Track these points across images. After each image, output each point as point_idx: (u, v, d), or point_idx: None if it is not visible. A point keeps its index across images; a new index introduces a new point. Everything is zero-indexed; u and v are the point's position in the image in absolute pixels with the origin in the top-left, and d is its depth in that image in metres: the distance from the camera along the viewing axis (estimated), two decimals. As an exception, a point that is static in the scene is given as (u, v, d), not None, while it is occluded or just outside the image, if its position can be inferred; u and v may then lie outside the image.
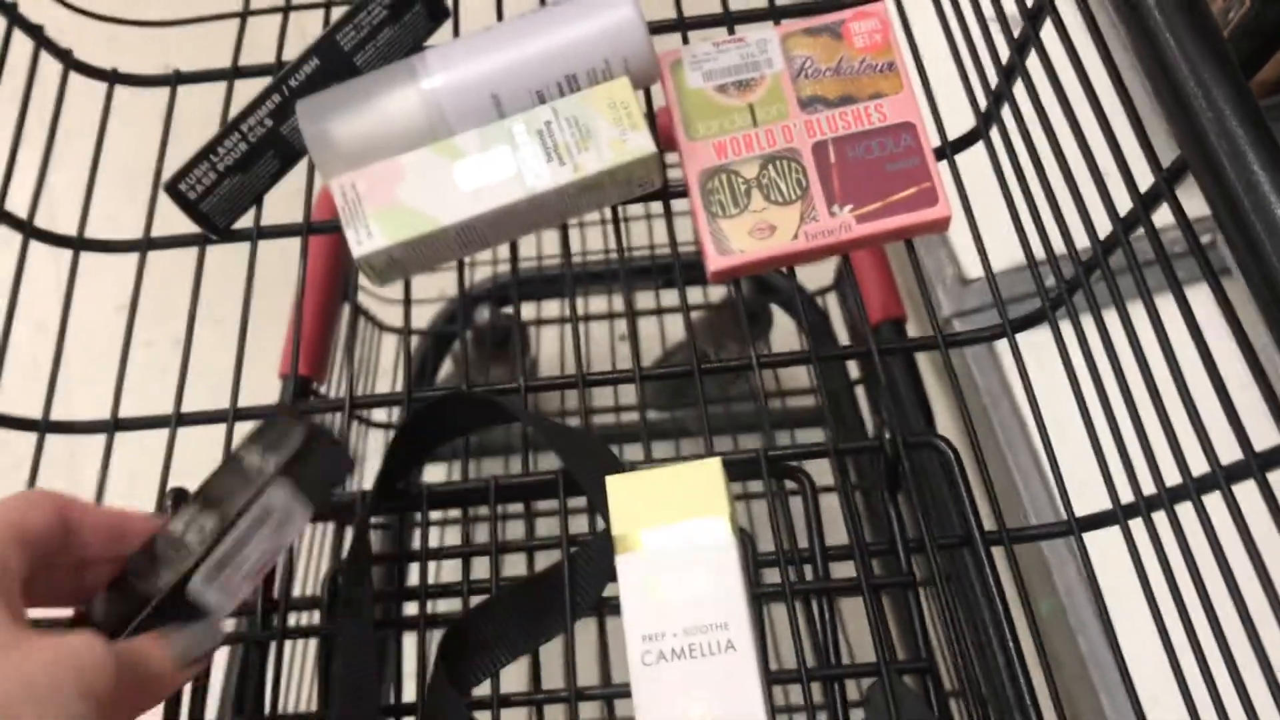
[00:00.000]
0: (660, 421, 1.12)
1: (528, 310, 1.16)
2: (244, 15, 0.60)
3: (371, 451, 0.90)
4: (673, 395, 1.18)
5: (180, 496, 0.49)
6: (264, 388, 0.63)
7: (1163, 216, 0.43)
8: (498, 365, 1.13)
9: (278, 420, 0.41)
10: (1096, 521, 0.47)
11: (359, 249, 0.49)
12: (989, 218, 0.52)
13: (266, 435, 0.41)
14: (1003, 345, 0.51)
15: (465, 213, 0.49)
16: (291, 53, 0.57)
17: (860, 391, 0.90)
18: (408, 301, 0.56)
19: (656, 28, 0.58)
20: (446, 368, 1.11)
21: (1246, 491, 0.39)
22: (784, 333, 1.21)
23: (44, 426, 0.52)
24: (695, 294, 1.17)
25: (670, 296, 1.11)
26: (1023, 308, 0.51)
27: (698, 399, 0.50)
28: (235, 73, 0.59)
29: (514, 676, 0.47)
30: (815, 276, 1.06)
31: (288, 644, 0.48)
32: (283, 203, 0.58)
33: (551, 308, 1.20)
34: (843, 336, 1.02)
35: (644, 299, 1.15)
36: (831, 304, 1.07)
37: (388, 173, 0.49)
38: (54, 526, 0.37)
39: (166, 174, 0.53)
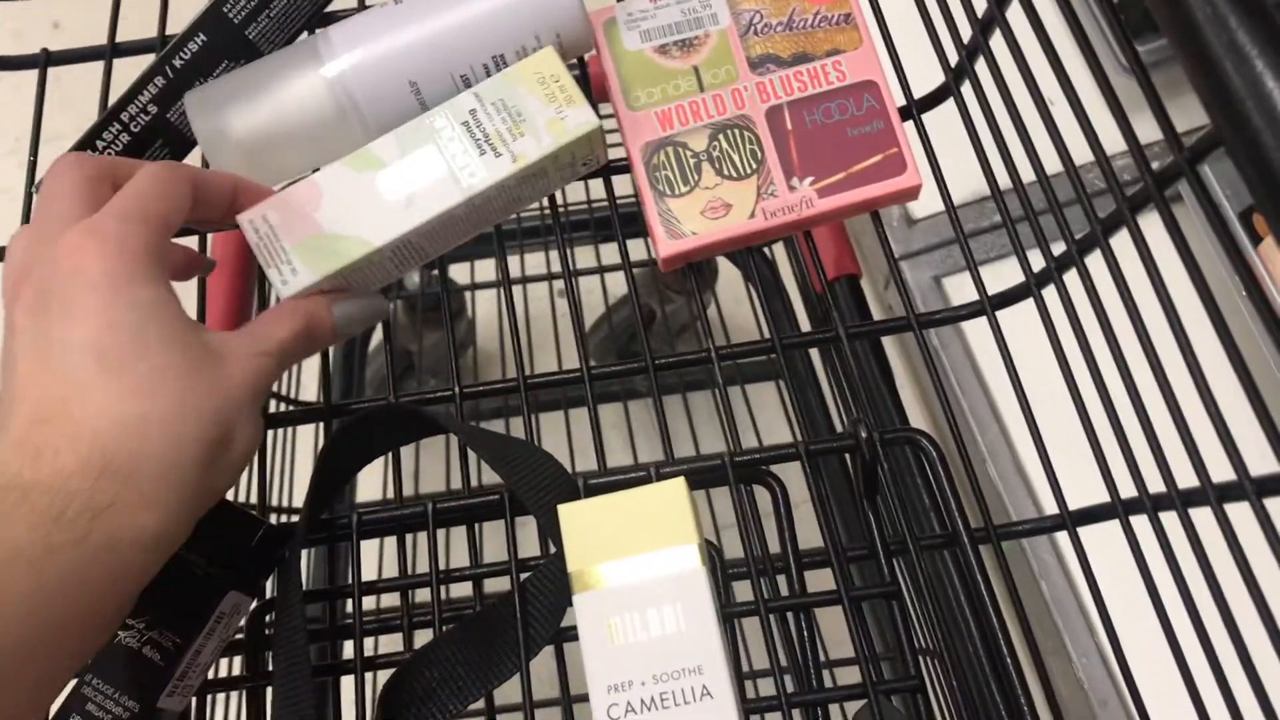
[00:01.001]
0: (608, 384, 1.07)
1: (460, 272, 1.11)
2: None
3: (300, 453, 0.84)
4: (620, 354, 1.13)
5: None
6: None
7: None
8: (431, 330, 1.08)
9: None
10: (1091, 516, 0.43)
11: (285, 288, 0.42)
12: (950, 170, 0.47)
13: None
14: (970, 325, 0.47)
15: (398, 229, 0.42)
16: (176, 26, 0.50)
17: (815, 354, 0.86)
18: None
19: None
20: (377, 337, 1.05)
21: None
22: (728, 280, 1.16)
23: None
24: (637, 247, 1.11)
25: (610, 251, 1.06)
26: (975, 243, 0.47)
27: (651, 389, 0.45)
28: (113, 51, 0.52)
29: (466, 720, 0.43)
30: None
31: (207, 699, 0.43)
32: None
33: (486, 267, 1.15)
34: (791, 287, 0.97)
35: (583, 255, 1.09)
36: (779, 252, 1.02)
37: (302, 197, 0.43)
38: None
39: (30, 169, 0.47)
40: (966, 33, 0.47)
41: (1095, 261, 0.41)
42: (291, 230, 0.42)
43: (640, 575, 0.38)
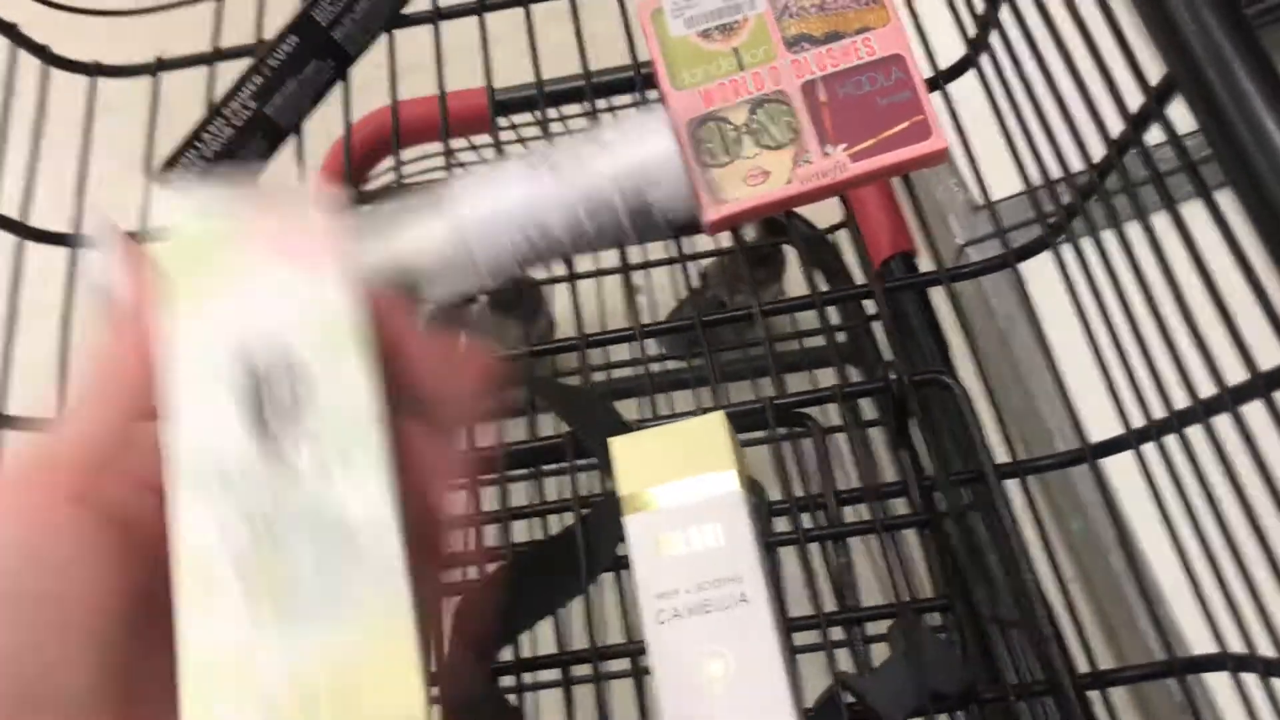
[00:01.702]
0: (679, 371, 1.12)
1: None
2: (220, -3, 0.60)
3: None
4: (689, 344, 1.17)
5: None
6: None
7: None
8: (512, 327, 1.13)
9: None
10: (1110, 448, 0.46)
11: None
12: (989, 145, 0.51)
13: None
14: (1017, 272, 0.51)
15: None
16: (269, 31, 0.56)
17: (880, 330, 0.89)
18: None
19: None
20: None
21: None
22: (800, 274, 1.20)
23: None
24: (709, 241, 1.16)
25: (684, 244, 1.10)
26: (1032, 232, 0.50)
27: (704, 350, 0.50)
28: (216, 55, 0.58)
29: (535, 640, 0.47)
30: (827, 214, 1.04)
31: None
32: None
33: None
34: (858, 274, 1.00)
35: (656, 247, 1.14)
36: (845, 241, 1.06)
37: None
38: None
39: (147, 165, 0.53)
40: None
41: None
42: None
43: (685, 498, 0.42)
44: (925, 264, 0.83)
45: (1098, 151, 0.43)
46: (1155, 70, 0.38)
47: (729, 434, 0.43)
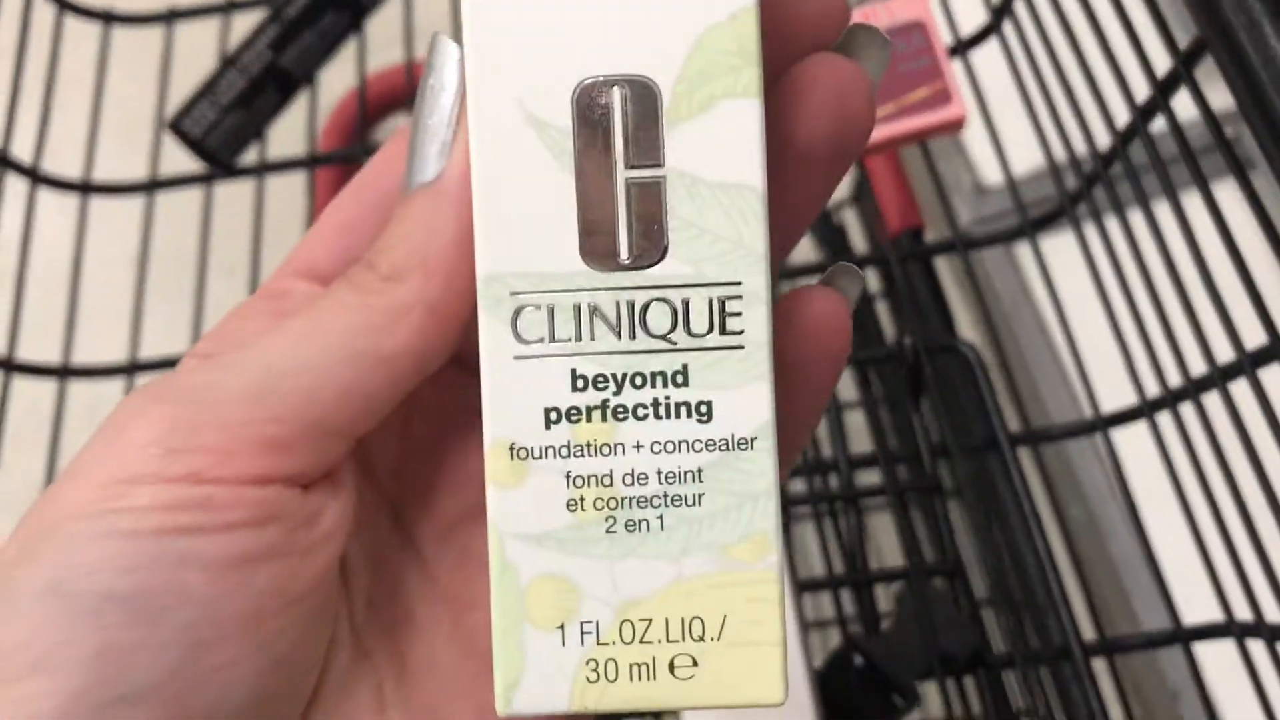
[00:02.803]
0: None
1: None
2: (236, -53, 0.59)
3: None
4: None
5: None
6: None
7: (1187, 108, 0.41)
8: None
9: None
10: (1122, 418, 0.46)
11: None
12: (1006, 119, 0.51)
13: None
14: (1021, 250, 0.51)
15: None
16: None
17: (881, 308, 0.90)
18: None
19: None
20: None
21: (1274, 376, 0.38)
22: (804, 248, 1.20)
23: (63, 372, 0.52)
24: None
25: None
26: (1041, 209, 0.50)
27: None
28: (230, 5, 0.58)
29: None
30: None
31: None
32: (284, 135, 0.57)
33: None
34: (861, 249, 1.00)
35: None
36: (850, 219, 1.06)
37: None
38: None
39: (166, 114, 0.53)
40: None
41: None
42: None
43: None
44: (932, 239, 0.83)
45: (1122, 121, 0.43)
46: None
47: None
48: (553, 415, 0.20)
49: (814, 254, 1.15)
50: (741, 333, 0.19)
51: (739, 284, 0.19)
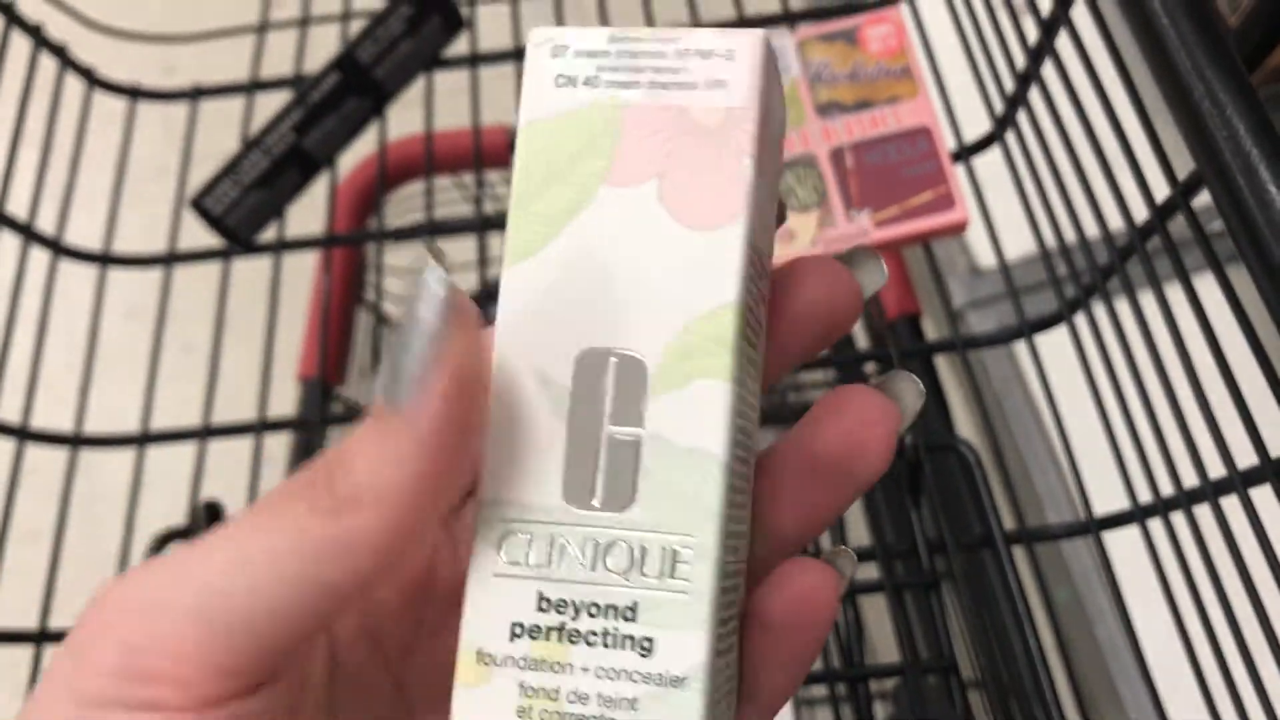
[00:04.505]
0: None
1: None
2: (262, 29, 0.61)
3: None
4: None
5: (213, 511, 0.49)
6: (280, 392, 0.63)
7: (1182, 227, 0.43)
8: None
9: None
10: (1114, 521, 0.48)
11: None
12: (1003, 216, 0.52)
13: None
14: (1018, 344, 0.52)
15: None
16: (309, 65, 0.58)
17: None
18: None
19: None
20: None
21: (1264, 496, 0.40)
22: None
23: (76, 441, 0.53)
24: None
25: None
26: (1036, 298, 0.51)
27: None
28: (254, 86, 0.59)
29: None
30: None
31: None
32: (297, 212, 0.58)
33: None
34: (858, 332, 1.02)
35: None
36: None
37: None
38: None
39: (179, 186, 0.54)
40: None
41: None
42: None
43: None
44: (928, 324, 0.85)
45: (1116, 224, 0.45)
46: (1178, 155, 0.39)
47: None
48: (517, 629, 0.22)
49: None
50: (689, 581, 0.21)
51: (692, 537, 0.21)
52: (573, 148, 0.22)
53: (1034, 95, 0.51)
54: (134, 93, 0.60)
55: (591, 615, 0.22)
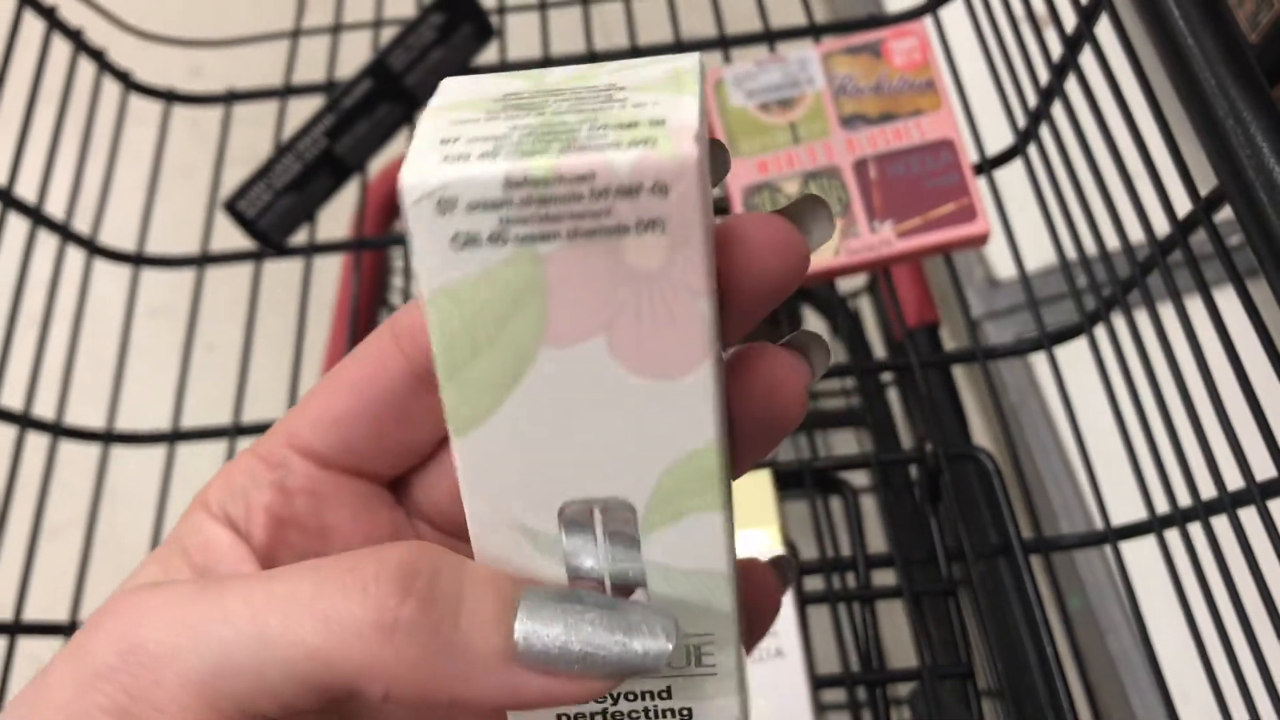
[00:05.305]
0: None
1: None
2: (295, 35, 0.62)
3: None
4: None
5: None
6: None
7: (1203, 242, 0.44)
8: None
9: None
10: (1132, 531, 0.48)
11: None
12: (1023, 227, 0.53)
13: None
14: (1037, 354, 0.53)
15: None
16: (340, 71, 0.59)
17: (892, 395, 0.91)
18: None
19: (698, 44, 0.60)
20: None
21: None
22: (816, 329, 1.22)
23: (108, 437, 0.54)
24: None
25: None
26: (1054, 309, 0.52)
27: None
28: (287, 91, 0.60)
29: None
30: (848, 280, 1.07)
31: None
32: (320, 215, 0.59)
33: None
34: (874, 339, 1.03)
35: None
36: (864, 306, 1.08)
37: None
38: None
39: (207, 188, 0.55)
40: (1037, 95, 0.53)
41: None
42: None
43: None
44: (945, 333, 0.85)
45: (1136, 236, 0.45)
46: (1198, 168, 0.40)
47: (774, 493, 0.45)
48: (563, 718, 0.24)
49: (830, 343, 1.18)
50: (715, 664, 0.23)
51: (710, 635, 0.23)
52: (496, 311, 0.20)
53: (1056, 109, 0.51)
54: (169, 96, 0.61)
55: (630, 700, 0.23)
